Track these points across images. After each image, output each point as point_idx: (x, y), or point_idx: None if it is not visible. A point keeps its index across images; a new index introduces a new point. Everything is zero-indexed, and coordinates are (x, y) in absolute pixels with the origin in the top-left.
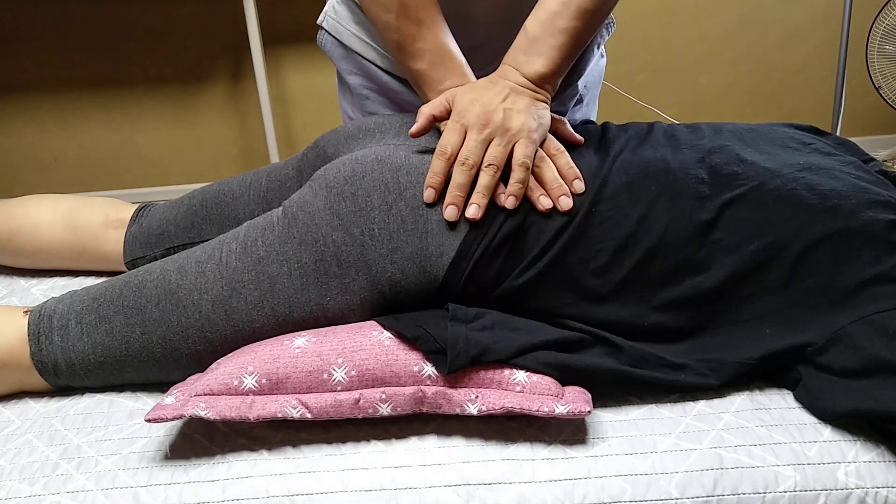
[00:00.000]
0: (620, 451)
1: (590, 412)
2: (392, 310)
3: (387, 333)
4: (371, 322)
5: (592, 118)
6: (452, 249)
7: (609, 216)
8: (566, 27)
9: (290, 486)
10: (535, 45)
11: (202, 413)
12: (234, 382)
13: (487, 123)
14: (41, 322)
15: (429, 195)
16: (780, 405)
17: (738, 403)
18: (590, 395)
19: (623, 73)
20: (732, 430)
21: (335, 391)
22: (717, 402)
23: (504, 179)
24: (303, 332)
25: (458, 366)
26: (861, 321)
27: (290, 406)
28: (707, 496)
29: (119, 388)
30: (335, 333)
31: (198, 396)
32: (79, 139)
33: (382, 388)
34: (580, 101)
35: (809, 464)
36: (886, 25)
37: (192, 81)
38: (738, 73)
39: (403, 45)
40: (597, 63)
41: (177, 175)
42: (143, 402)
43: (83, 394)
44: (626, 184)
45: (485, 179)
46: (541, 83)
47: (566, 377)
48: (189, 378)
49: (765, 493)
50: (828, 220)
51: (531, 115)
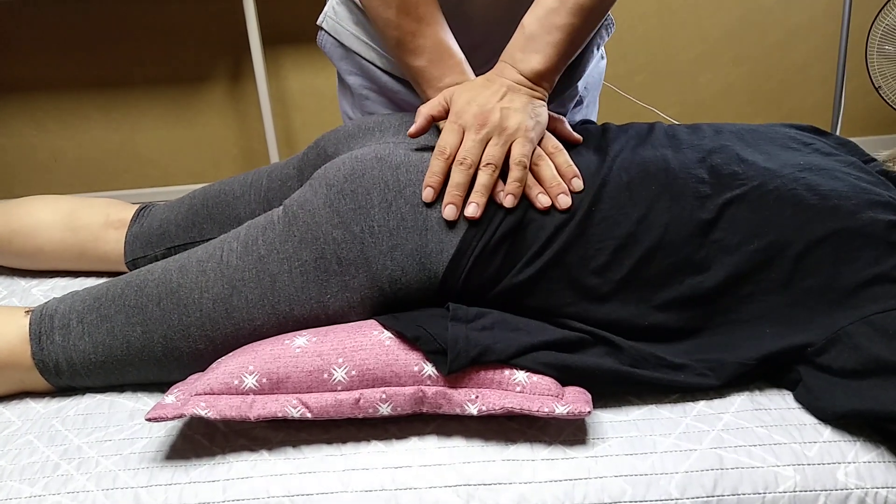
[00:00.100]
0: (620, 452)
1: (590, 412)
2: (392, 308)
3: (387, 333)
4: (371, 321)
5: (593, 119)
6: (452, 246)
7: (609, 215)
8: (563, 24)
9: (291, 487)
10: (532, 43)
11: (202, 412)
12: (235, 382)
13: (485, 123)
14: (42, 322)
15: (427, 194)
16: (780, 405)
17: (738, 404)
18: (590, 396)
19: (623, 74)
20: (732, 431)
21: (335, 391)
22: (717, 403)
23: (503, 178)
24: (303, 332)
25: (459, 366)
26: (861, 321)
27: (291, 406)
28: (707, 496)
29: (119, 389)
30: (335, 333)
31: (198, 396)
32: (79, 139)
33: (383, 388)
34: (580, 103)
35: (809, 464)
36: (886, 25)
37: (192, 81)
38: (738, 73)
39: (403, 42)
40: (597, 64)
41: (177, 175)
42: (144, 403)
43: (84, 394)
44: (627, 183)
45: (483, 178)
46: (538, 80)
47: (566, 377)
48: (189, 377)
49: (765, 494)
50: (828, 221)
51: (528, 114)
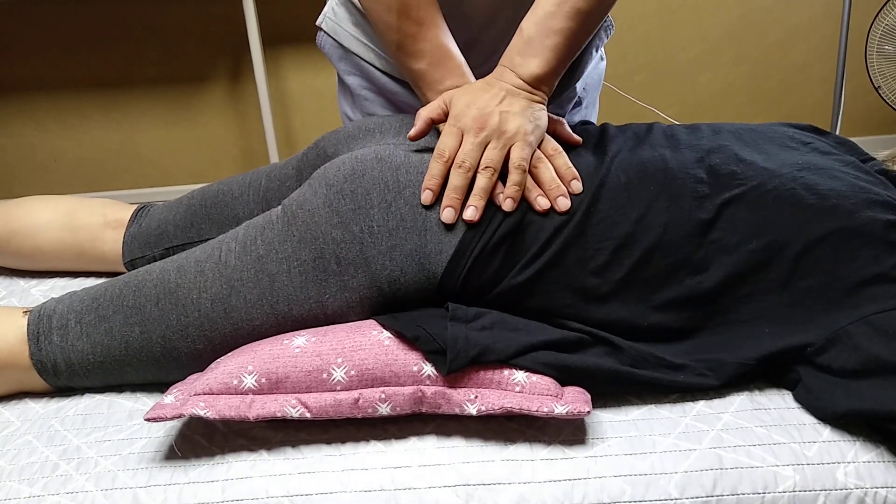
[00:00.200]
0: (620, 452)
1: (589, 412)
2: (391, 308)
3: (386, 333)
4: (370, 321)
5: (592, 121)
6: (451, 247)
7: (608, 216)
8: (561, 28)
9: (290, 487)
10: (531, 47)
11: (201, 412)
12: (234, 382)
13: (484, 126)
14: (41, 322)
15: (426, 197)
16: (780, 405)
17: (738, 404)
18: (589, 396)
19: (622, 74)
20: (732, 431)
21: (334, 391)
22: (717, 403)
23: (503, 181)
24: (302, 332)
25: (458, 366)
26: (860, 321)
27: (290, 405)
28: (706, 496)
29: (118, 389)
30: (335, 333)
31: (197, 396)
32: (78, 139)
33: (382, 388)
34: (579, 104)
35: (809, 464)
36: (885, 25)
37: (192, 82)
38: (738, 73)
39: (404, 45)
40: (596, 65)
41: (176, 175)
42: (143, 403)
43: (83, 394)
44: (625, 183)
45: (482, 182)
46: (537, 84)
47: (566, 377)
48: (188, 377)
49: (764, 494)
50: (827, 220)
51: (527, 118)
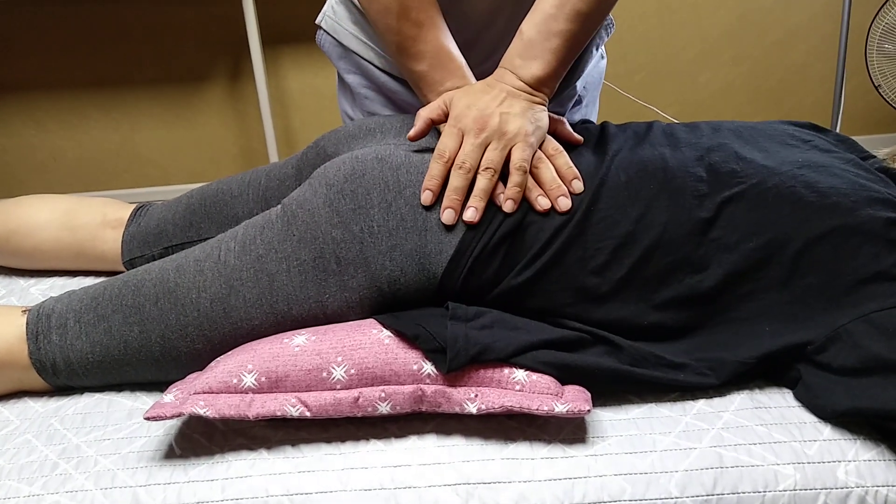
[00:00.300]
0: (620, 450)
1: (589, 411)
2: (391, 308)
3: (386, 332)
4: (370, 320)
5: (593, 119)
6: (451, 247)
7: (608, 215)
8: (561, 30)
9: (290, 486)
10: (531, 49)
11: (201, 411)
12: (234, 380)
13: (484, 127)
14: (39, 321)
15: (426, 198)
16: (780, 404)
17: (738, 402)
18: (589, 395)
19: (622, 73)
20: (732, 429)
21: (334, 389)
22: (717, 401)
23: (503, 181)
24: (302, 331)
25: (458, 364)
26: (860, 319)
27: (290, 404)
28: (707, 495)
29: (118, 388)
30: (335, 332)
31: (197, 395)
32: (78, 139)
33: (382, 387)
34: (579, 102)
35: (809, 462)
36: (885, 24)
37: (192, 81)
38: (738, 73)
39: (404, 47)
40: (596, 64)
41: (176, 175)
42: (142, 402)
43: (82, 393)
44: (625, 182)
45: (482, 183)
46: (538, 86)
47: (566, 376)
48: (188, 376)
49: (764, 492)
50: (827, 218)
51: (528, 119)
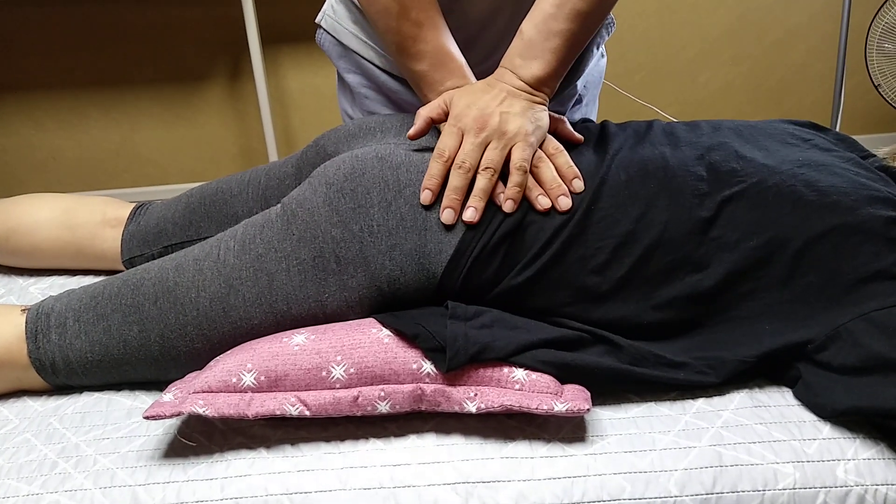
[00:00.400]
0: (619, 449)
1: (589, 410)
2: (391, 307)
3: (386, 331)
4: (370, 319)
5: (592, 118)
6: (451, 247)
7: (608, 214)
8: (561, 29)
9: (289, 485)
10: (531, 49)
11: (201, 410)
12: (233, 380)
13: (484, 127)
14: (39, 320)
15: (426, 197)
16: (780, 403)
17: (738, 401)
18: (589, 394)
19: (622, 72)
20: (732, 428)
21: (334, 388)
22: (717, 400)
23: (503, 181)
24: (302, 330)
25: (457, 363)
26: (861, 318)
27: (289, 403)
28: (706, 494)
29: (117, 387)
30: (334, 331)
31: (196, 394)
32: (77, 138)
33: (381, 386)
34: (579, 102)
35: (809, 461)
36: (885, 24)
37: (191, 81)
38: (738, 72)
39: (404, 47)
40: (597, 63)
41: (176, 174)
42: (142, 401)
43: (81, 392)
44: (626, 181)
45: (482, 183)
46: (538, 86)
47: (565, 375)
48: (187, 375)
49: (764, 491)
50: (827, 217)
51: (528, 119)
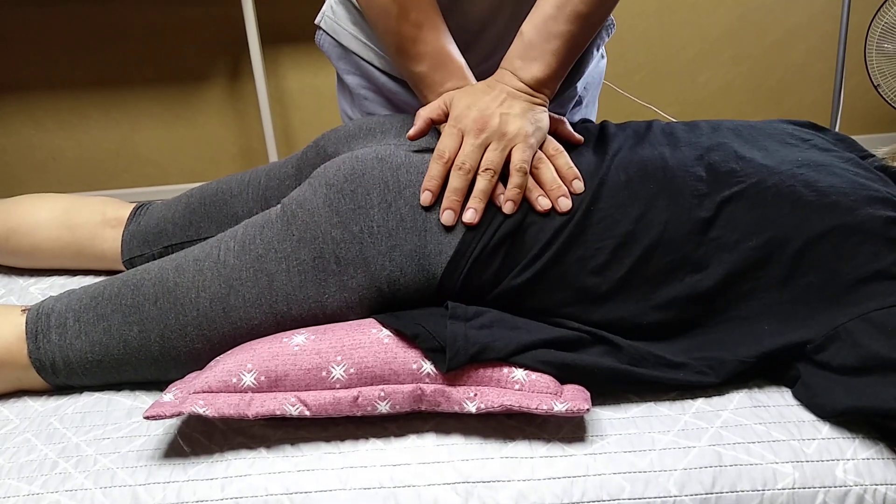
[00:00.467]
0: (619, 449)
1: (588, 410)
2: (391, 308)
3: (386, 331)
4: (370, 320)
5: (592, 119)
6: (451, 248)
7: (608, 214)
8: (561, 31)
9: (289, 485)
10: (532, 50)
11: (201, 410)
12: (233, 380)
13: (484, 128)
14: (39, 320)
15: (426, 198)
16: (779, 403)
17: (737, 401)
18: (588, 394)
19: (622, 72)
20: (731, 428)
21: (334, 389)
22: (716, 400)
23: (503, 182)
24: (302, 330)
25: (457, 363)
26: (860, 318)
27: (289, 403)
28: (706, 493)
29: (117, 387)
30: (334, 331)
31: (196, 394)
32: (77, 138)
33: (381, 386)
34: (579, 103)
35: (808, 461)
36: (885, 24)
37: (191, 81)
38: (737, 72)
39: (404, 49)
40: (597, 64)
41: (176, 174)
42: (142, 401)
43: (81, 392)
44: (625, 182)
45: (482, 184)
46: (538, 88)
47: (565, 375)
48: (188, 376)
49: (763, 491)
50: (826, 217)
51: (528, 120)
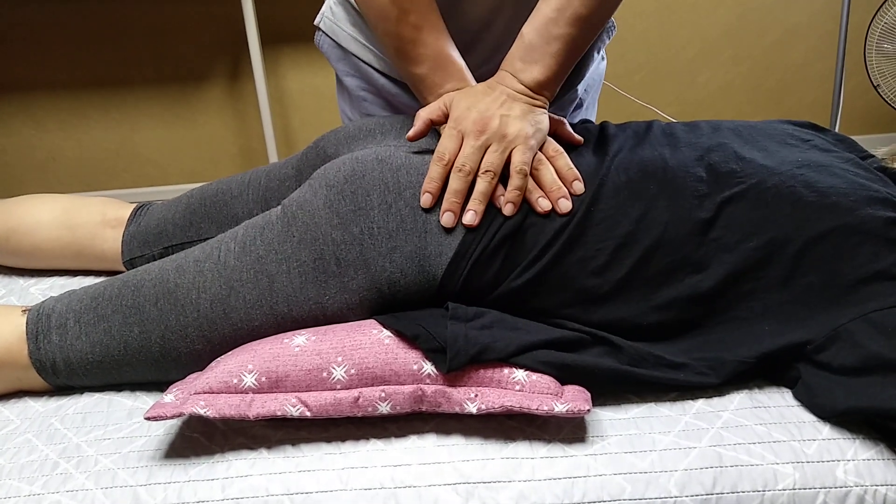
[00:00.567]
0: (620, 450)
1: (589, 411)
2: (391, 309)
3: (386, 332)
4: (371, 321)
5: (592, 120)
6: (451, 249)
7: (608, 215)
8: (561, 34)
9: (290, 485)
10: (532, 53)
11: (201, 411)
12: (234, 381)
13: (484, 130)
14: (39, 321)
15: (426, 200)
16: (780, 403)
17: (738, 401)
18: (589, 394)
19: (622, 72)
20: (731, 429)
21: (334, 389)
22: (717, 401)
23: (504, 183)
24: (302, 331)
25: (458, 364)
26: (860, 319)
27: (290, 404)
28: (706, 494)
29: (118, 388)
30: (335, 332)
31: (197, 395)
32: (77, 139)
33: (382, 387)
34: (580, 106)
35: (808, 462)
36: (884, 24)
37: (191, 81)
38: (737, 72)
39: (403, 51)
40: (597, 66)
41: (176, 175)
42: (143, 401)
43: (82, 393)
44: (625, 183)
45: (482, 186)
46: (538, 90)
47: (566, 376)
48: (188, 376)
49: (764, 492)
50: (826, 217)
51: (528, 122)
